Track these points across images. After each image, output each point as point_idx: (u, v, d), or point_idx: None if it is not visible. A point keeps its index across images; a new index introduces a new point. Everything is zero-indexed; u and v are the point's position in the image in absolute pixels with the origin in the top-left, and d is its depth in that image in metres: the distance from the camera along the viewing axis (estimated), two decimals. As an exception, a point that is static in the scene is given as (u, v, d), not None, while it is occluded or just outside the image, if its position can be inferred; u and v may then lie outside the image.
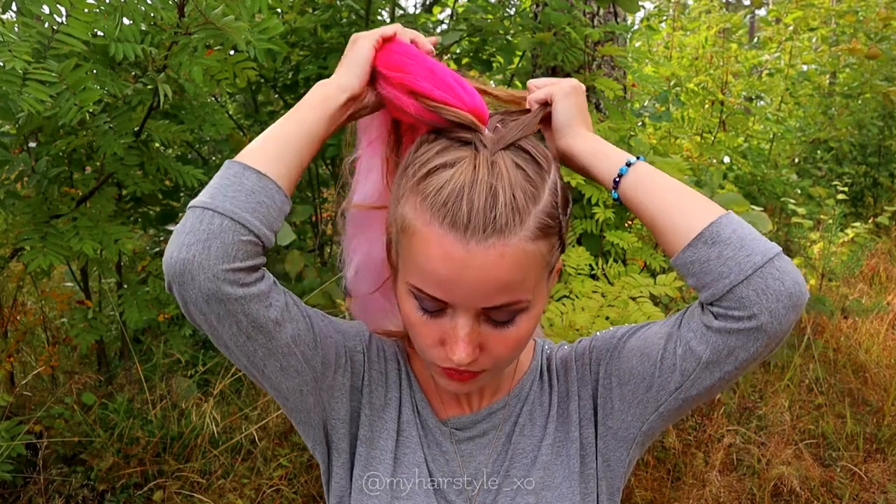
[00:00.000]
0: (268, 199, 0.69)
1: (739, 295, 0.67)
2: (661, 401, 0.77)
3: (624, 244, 2.60)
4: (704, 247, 0.69)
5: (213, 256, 0.66)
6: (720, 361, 0.70)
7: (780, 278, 0.67)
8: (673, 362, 0.74)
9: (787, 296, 0.66)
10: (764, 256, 0.67)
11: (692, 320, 0.73)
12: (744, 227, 0.70)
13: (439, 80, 0.72)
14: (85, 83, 1.71)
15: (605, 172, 0.77)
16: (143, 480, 2.49)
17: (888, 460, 3.02)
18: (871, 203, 6.94)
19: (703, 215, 0.70)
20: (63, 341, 3.05)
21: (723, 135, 4.19)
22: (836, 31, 7.00)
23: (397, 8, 3.33)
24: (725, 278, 0.67)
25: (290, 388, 0.77)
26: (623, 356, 0.80)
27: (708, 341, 0.70)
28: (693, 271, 0.70)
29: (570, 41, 2.94)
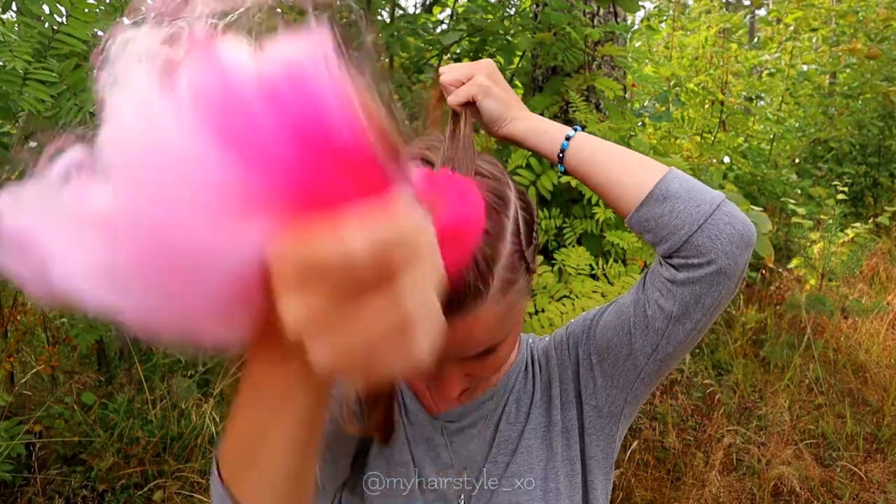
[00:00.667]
0: None
1: (695, 243, 0.71)
2: (640, 366, 0.79)
3: (624, 244, 2.60)
4: (656, 204, 0.73)
5: None
6: (689, 311, 0.74)
7: (730, 222, 0.71)
8: (645, 324, 0.76)
9: (738, 236, 0.71)
10: (711, 205, 0.72)
11: (655, 280, 0.76)
12: (689, 180, 0.74)
13: None
14: (86, 83, 1.71)
15: (548, 149, 0.80)
16: (143, 480, 2.49)
17: (888, 460, 3.02)
18: (871, 203, 6.94)
19: (649, 174, 0.74)
20: (63, 341, 3.05)
21: (723, 135, 4.19)
22: (837, 31, 7.00)
23: (397, 8, 3.34)
24: (680, 230, 0.72)
25: None
26: (598, 333, 0.82)
27: (674, 295, 0.74)
28: (649, 228, 0.74)
29: (570, 41, 2.94)
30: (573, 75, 3.07)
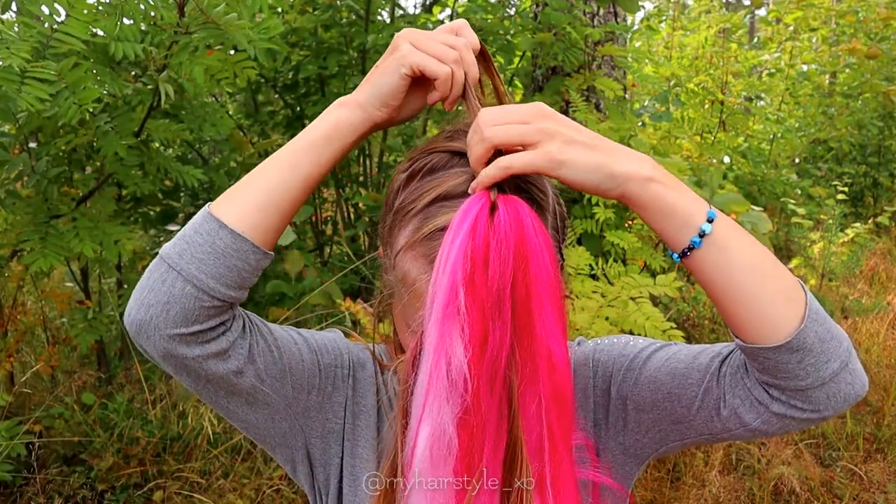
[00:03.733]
0: (240, 262, 0.66)
1: (810, 396, 0.65)
2: (687, 437, 0.75)
3: (624, 244, 2.60)
4: (787, 353, 0.63)
5: (171, 320, 0.64)
6: (768, 431, 0.69)
7: (851, 382, 0.66)
8: (712, 416, 0.71)
9: (854, 397, 0.66)
10: (842, 363, 0.65)
11: (738, 386, 0.69)
12: (823, 323, 0.65)
13: None
14: (85, 82, 1.71)
15: (672, 237, 0.64)
16: (143, 480, 2.49)
17: (888, 460, 3.02)
18: (871, 203, 6.94)
19: (788, 317, 0.63)
20: (63, 341, 3.05)
21: (723, 135, 4.19)
22: (837, 31, 7.00)
23: (397, 8, 3.34)
24: (801, 381, 0.64)
25: (259, 418, 0.76)
26: (641, 384, 0.76)
27: (760, 415, 0.68)
28: (763, 364, 0.65)
29: (570, 41, 2.94)
30: (573, 75, 3.07)
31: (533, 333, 0.61)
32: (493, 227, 0.61)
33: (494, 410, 0.62)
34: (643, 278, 2.24)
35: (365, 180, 3.64)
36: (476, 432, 0.62)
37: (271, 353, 0.73)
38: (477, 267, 0.60)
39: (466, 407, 0.61)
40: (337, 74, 3.09)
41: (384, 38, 2.92)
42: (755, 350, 0.64)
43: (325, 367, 0.80)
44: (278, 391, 0.74)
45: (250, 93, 3.45)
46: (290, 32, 3.04)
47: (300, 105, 3.35)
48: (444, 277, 0.60)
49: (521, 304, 0.61)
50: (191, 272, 0.64)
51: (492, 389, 0.62)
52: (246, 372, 0.70)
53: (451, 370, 0.60)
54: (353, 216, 3.67)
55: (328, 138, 0.69)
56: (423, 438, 0.62)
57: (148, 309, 0.65)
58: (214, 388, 0.71)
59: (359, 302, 2.39)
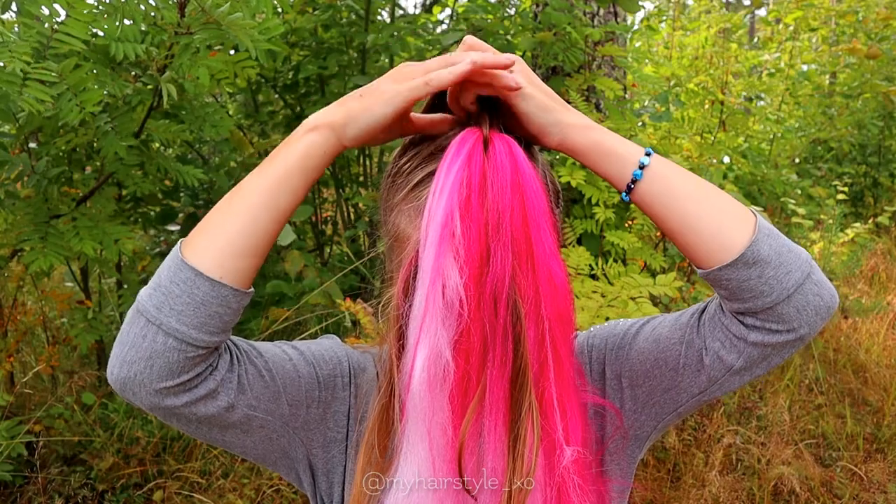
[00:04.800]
0: (221, 308, 0.64)
1: (779, 312, 0.66)
2: (680, 402, 0.76)
3: (624, 244, 2.60)
4: (744, 268, 0.65)
5: (157, 375, 0.63)
6: (752, 368, 0.70)
7: (818, 293, 0.67)
8: (697, 369, 0.72)
9: (825, 308, 0.67)
10: (802, 273, 0.66)
11: (716, 329, 0.70)
12: (777, 238, 0.67)
13: None
14: (86, 83, 1.71)
15: (614, 176, 0.69)
16: (143, 480, 2.50)
17: (888, 460, 3.02)
18: (871, 203, 6.94)
19: (738, 232, 0.66)
20: (63, 341, 3.05)
21: (723, 135, 4.19)
22: (836, 31, 7.01)
23: (397, 8, 3.34)
24: (766, 297, 0.66)
25: (256, 440, 0.75)
26: (632, 358, 0.78)
27: (741, 351, 0.69)
28: (728, 287, 0.67)
29: (571, 41, 2.94)
30: (573, 75, 3.07)
31: (533, 257, 0.62)
32: (488, 156, 0.63)
33: (499, 333, 0.63)
34: (643, 278, 2.24)
35: (365, 180, 3.65)
36: (472, 356, 0.62)
37: (262, 379, 0.72)
38: (473, 192, 0.62)
39: (462, 330, 0.62)
40: (337, 74, 3.09)
41: (384, 38, 2.92)
42: (716, 274, 0.66)
43: (325, 379, 0.79)
44: (273, 412, 0.73)
45: (250, 93, 3.45)
46: (290, 32, 3.04)
47: (300, 105, 3.35)
48: (441, 202, 0.62)
49: (519, 231, 0.62)
50: (171, 325, 0.63)
51: (496, 312, 0.62)
52: (237, 405, 0.69)
53: (446, 293, 0.61)
54: (353, 216, 3.67)
55: (303, 168, 0.67)
56: (420, 361, 0.62)
57: (131, 366, 0.64)
58: (207, 427, 0.70)
59: (359, 302, 2.39)
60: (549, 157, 3.00)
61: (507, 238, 0.62)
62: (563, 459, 0.65)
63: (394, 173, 0.74)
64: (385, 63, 3.33)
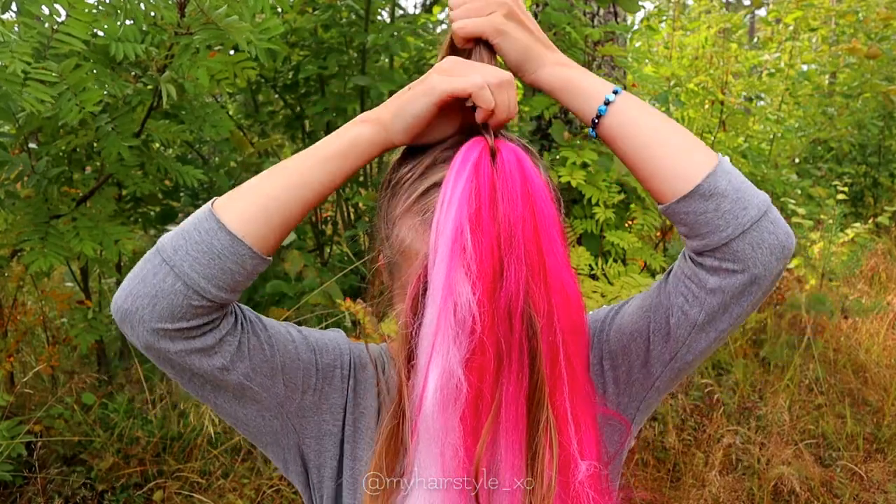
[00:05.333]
0: (235, 266, 0.65)
1: (735, 248, 0.66)
2: (655, 374, 0.76)
3: (624, 244, 2.60)
4: (701, 200, 0.66)
5: (157, 314, 0.64)
6: (715, 320, 0.70)
7: (773, 231, 0.67)
8: (666, 331, 0.72)
9: (780, 247, 0.67)
10: (759, 210, 0.66)
11: (679, 284, 0.71)
12: (738, 177, 0.68)
13: None
14: (86, 83, 1.71)
15: (582, 111, 0.71)
16: (143, 480, 2.50)
17: (888, 460, 3.02)
18: (871, 203, 6.94)
19: (697, 164, 0.67)
20: (63, 341, 3.05)
21: (723, 135, 4.19)
22: (836, 31, 7.01)
23: (397, 8, 3.34)
24: (722, 231, 0.66)
25: (248, 414, 0.75)
26: (612, 337, 0.78)
27: (701, 303, 0.69)
28: (686, 221, 0.67)
29: (571, 41, 2.94)
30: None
31: (545, 269, 0.62)
32: (496, 167, 0.63)
33: (515, 348, 0.61)
34: (643, 278, 2.24)
35: (365, 180, 3.65)
36: (486, 374, 0.61)
37: (263, 351, 0.72)
38: (483, 205, 0.60)
39: (474, 348, 0.60)
40: (337, 74, 3.09)
41: (384, 38, 2.92)
42: (674, 207, 0.67)
43: (324, 367, 0.79)
44: (269, 389, 0.73)
45: (250, 93, 3.45)
46: (290, 32, 3.04)
47: (300, 105, 3.35)
48: (449, 216, 0.60)
49: (531, 243, 0.61)
50: (183, 269, 0.64)
51: (511, 328, 0.61)
52: (233, 369, 0.69)
53: (458, 310, 0.60)
54: (353, 216, 3.67)
55: (344, 155, 0.68)
56: (432, 381, 0.61)
57: (135, 299, 0.65)
58: (200, 383, 0.71)
59: (359, 302, 2.40)
60: (549, 157, 3.00)
61: (520, 251, 0.61)
62: (578, 474, 0.64)
63: (393, 183, 0.72)
64: (385, 63, 3.33)
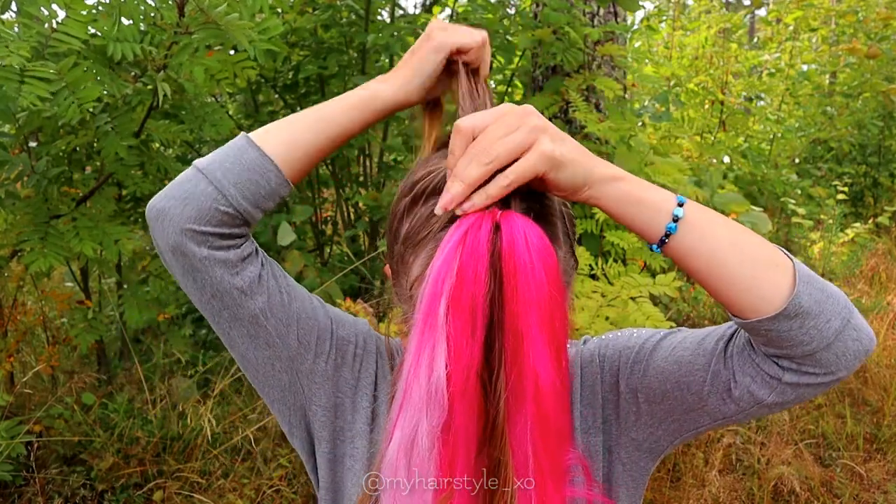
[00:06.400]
0: (261, 179, 0.71)
1: (819, 358, 0.64)
2: (702, 424, 0.74)
3: (624, 244, 2.60)
4: (785, 321, 0.63)
5: (186, 214, 0.69)
6: (784, 403, 0.68)
7: (858, 338, 0.65)
8: (724, 398, 0.70)
9: (864, 352, 0.65)
10: (842, 320, 0.64)
11: (746, 364, 0.68)
12: (816, 284, 0.64)
13: None
14: (84, 81, 1.71)
15: (646, 228, 0.65)
16: (143, 480, 2.49)
17: (888, 460, 3.02)
18: (871, 203, 6.94)
19: (779, 286, 0.63)
20: (63, 341, 3.05)
21: (723, 135, 4.19)
22: (836, 31, 7.01)
23: (397, 8, 3.34)
24: (806, 346, 0.64)
25: (259, 358, 0.76)
26: (649, 375, 0.76)
27: (773, 388, 0.67)
28: (766, 336, 0.64)
29: (570, 41, 2.94)
30: (573, 75, 3.07)
31: (520, 355, 0.60)
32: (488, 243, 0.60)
33: (472, 428, 0.62)
34: (643, 278, 2.24)
35: (365, 180, 3.65)
36: (457, 448, 0.62)
37: (280, 295, 0.75)
38: (464, 280, 0.59)
39: (446, 423, 0.61)
40: (337, 74, 3.09)
41: (384, 38, 2.92)
42: (755, 325, 0.64)
43: (339, 339, 0.80)
44: (283, 337, 0.75)
45: (250, 93, 3.45)
46: (290, 32, 3.04)
47: (300, 105, 3.35)
48: (428, 287, 0.60)
49: (510, 324, 0.60)
50: (215, 175, 0.70)
51: (466, 407, 0.61)
52: (252, 296, 0.73)
53: (430, 382, 0.60)
54: (353, 216, 3.67)
55: (363, 106, 0.76)
56: (394, 444, 0.62)
57: (168, 200, 0.70)
58: (219, 305, 0.73)
59: (359, 302, 2.40)
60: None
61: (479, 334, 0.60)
62: None
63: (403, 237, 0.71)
64: (385, 63, 3.33)
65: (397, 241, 0.72)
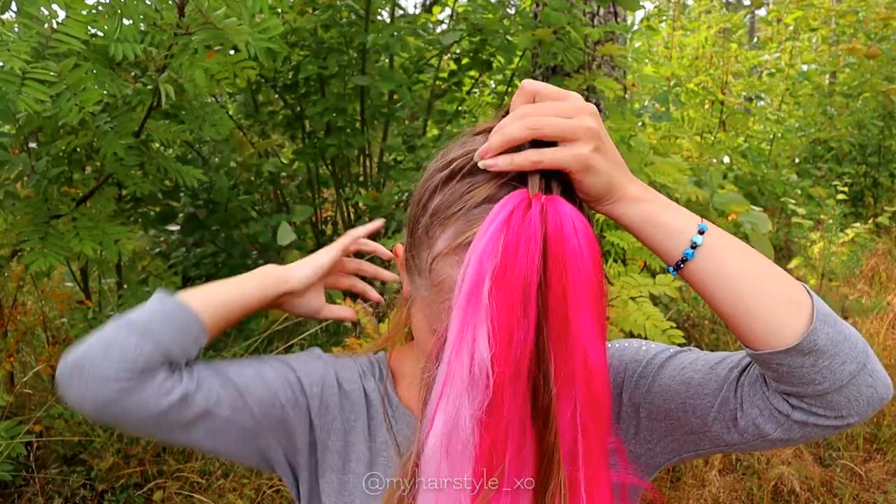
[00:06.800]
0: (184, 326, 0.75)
1: (829, 400, 0.64)
2: (702, 447, 0.74)
3: (624, 244, 2.60)
4: (798, 356, 0.62)
5: (112, 361, 0.69)
6: (790, 440, 0.67)
7: (872, 385, 0.64)
8: (728, 427, 0.69)
9: (878, 400, 0.64)
10: (858, 364, 0.63)
11: (756, 396, 0.67)
12: (833, 324, 0.63)
13: None
14: (85, 83, 1.71)
15: (665, 250, 0.65)
16: (143, 480, 2.50)
17: (888, 460, 3.02)
18: (871, 203, 6.94)
19: (795, 319, 0.62)
20: (63, 341, 3.04)
21: (723, 135, 4.19)
22: (837, 31, 7.01)
23: (397, 8, 3.34)
24: (818, 385, 0.63)
25: (229, 442, 0.75)
26: (654, 392, 0.75)
27: (780, 424, 0.66)
28: (777, 370, 0.64)
29: (570, 41, 2.94)
30: (573, 75, 3.07)
31: (569, 336, 0.60)
32: (530, 222, 0.59)
33: (518, 411, 0.60)
34: (643, 278, 2.24)
35: (365, 180, 3.64)
36: (499, 433, 0.60)
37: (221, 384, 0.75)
38: (508, 261, 0.58)
39: (490, 406, 0.59)
40: (337, 74, 3.09)
41: (384, 38, 2.92)
42: (766, 357, 0.63)
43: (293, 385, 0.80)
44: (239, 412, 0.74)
45: (250, 93, 3.45)
46: (290, 32, 3.04)
47: (300, 105, 3.35)
48: (471, 267, 0.59)
49: (557, 306, 0.59)
50: (131, 317, 0.73)
51: (515, 390, 0.60)
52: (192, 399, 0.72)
53: (473, 364, 0.58)
54: (353, 216, 3.67)
55: (264, 285, 0.83)
56: (436, 429, 0.60)
57: (85, 358, 0.70)
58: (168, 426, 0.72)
59: (359, 302, 2.39)
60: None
61: (532, 314, 0.59)
62: None
63: (432, 210, 0.68)
64: (385, 63, 3.33)
65: (425, 214, 0.69)
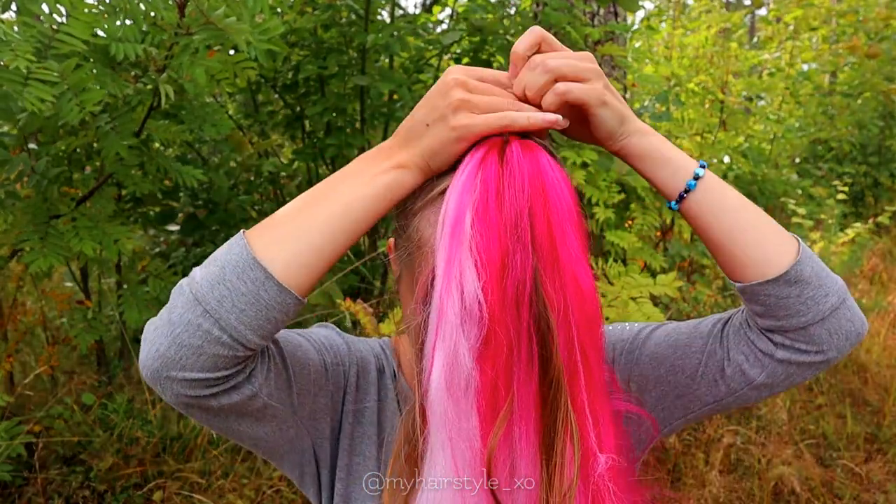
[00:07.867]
0: (281, 314, 0.63)
1: (811, 333, 0.67)
2: (691, 410, 0.76)
3: (624, 244, 2.60)
4: (785, 286, 0.66)
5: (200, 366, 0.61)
6: (774, 385, 0.70)
7: (851, 318, 0.68)
8: (716, 379, 0.72)
9: (855, 334, 0.68)
10: (839, 297, 0.67)
11: (741, 342, 0.71)
12: (817, 262, 0.68)
13: None
14: (86, 83, 1.71)
15: (667, 184, 0.69)
16: (142, 480, 2.49)
17: (888, 460, 3.02)
18: (872, 203, 6.94)
19: (782, 250, 0.67)
20: (63, 341, 3.04)
21: (723, 135, 4.19)
22: (837, 30, 7.01)
23: (397, 8, 3.33)
24: (802, 316, 0.67)
25: (267, 432, 0.73)
26: (643, 362, 0.77)
27: (764, 366, 0.70)
28: (765, 303, 0.67)
29: (570, 41, 2.93)
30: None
31: (558, 262, 0.61)
32: (505, 159, 0.62)
33: (524, 338, 0.60)
34: (643, 278, 2.24)
35: (365, 180, 3.63)
36: (498, 362, 0.60)
37: (277, 367, 0.71)
38: (489, 195, 0.60)
39: (484, 336, 0.59)
40: (337, 74, 3.09)
41: (384, 38, 2.92)
42: (756, 288, 0.67)
43: (330, 367, 0.79)
44: (284, 401, 0.72)
45: (250, 93, 3.45)
46: (290, 32, 3.04)
47: (300, 105, 3.35)
48: (451, 203, 0.61)
49: (542, 235, 0.61)
50: (230, 322, 0.60)
51: (519, 316, 0.60)
52: (259, 394, 0.67)
53: (464, 297, 0.59)
54: (353, 216, 3.67)
55: (383, 197, 0.66)
56: (437, 368, 0.60)
57: (179, 349, 0.60)
58: (224, 417, 0.68)
59: (359, 302, 2.39)
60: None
61: (527, 241, 0.60)
62: (597, 467, 0.63)
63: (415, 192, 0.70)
64: (385, 63, 3.33)
65: (410, 196, 0.71)
